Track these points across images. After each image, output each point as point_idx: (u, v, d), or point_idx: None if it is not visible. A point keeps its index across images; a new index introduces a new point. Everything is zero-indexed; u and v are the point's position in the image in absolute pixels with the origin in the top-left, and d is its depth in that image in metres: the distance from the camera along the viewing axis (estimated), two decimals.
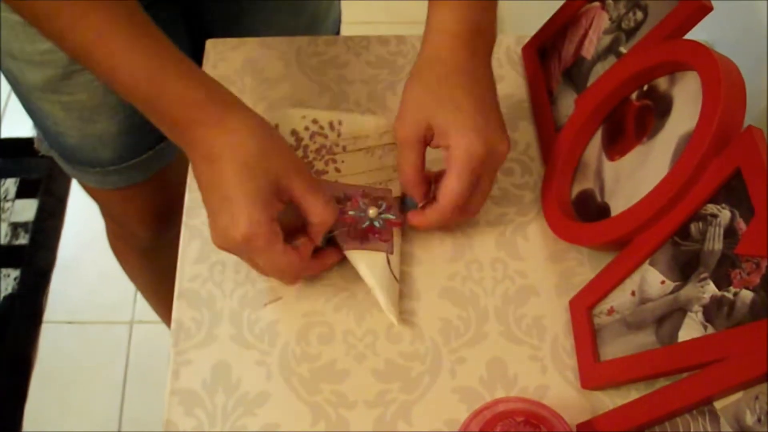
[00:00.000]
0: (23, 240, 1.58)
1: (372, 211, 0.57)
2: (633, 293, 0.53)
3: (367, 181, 0.60)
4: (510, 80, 0.72)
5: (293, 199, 0.51)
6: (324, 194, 0.52)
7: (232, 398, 0.54)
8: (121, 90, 0.50)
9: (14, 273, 1.53)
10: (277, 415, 0.53)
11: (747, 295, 0.44)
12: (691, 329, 0.47)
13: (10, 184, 1.66)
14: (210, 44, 0.73)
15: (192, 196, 0.63)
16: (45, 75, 0.70)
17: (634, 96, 0.59)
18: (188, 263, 0.60)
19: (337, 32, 0.92)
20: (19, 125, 1.72)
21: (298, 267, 0.53)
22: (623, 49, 0.61)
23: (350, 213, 0.57)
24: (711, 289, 0.47)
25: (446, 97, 0.54)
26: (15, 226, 1.60)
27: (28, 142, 1.71)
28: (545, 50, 0.71)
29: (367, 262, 0.56)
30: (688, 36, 0.56)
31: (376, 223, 0.57)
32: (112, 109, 0.73)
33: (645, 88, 0.58)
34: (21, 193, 1.64)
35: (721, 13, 0.60)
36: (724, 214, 0.47)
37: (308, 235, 0.53)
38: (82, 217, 1.61)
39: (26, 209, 1.62)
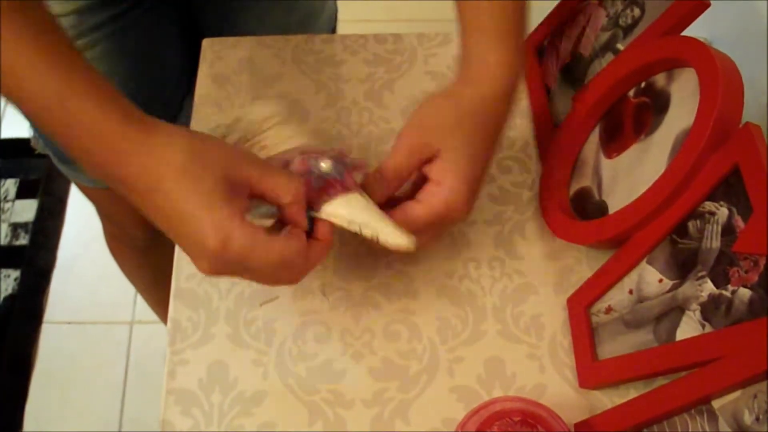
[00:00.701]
0: (23, 240, 1.58)
1: (324, 165, 0.52)
2: (631, 292, 0.53)
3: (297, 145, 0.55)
4: None
5: (253, 188, 0.47)
6: (281, 169, 0.49)
7: (229, 398, 0.54)
8: (38, 121, 0.44)
9: (14, 273, 1.53)
10: (274, 415, 0.53)
11: (745, 293, 0.44)
12: (689, 328, 0.47)
13: (10, 185, 1.66)
14: (206, 43, 0.73)
15: None
16: None
17: (631, 93, 0.59)
18: (184, 263, 0.60)
19: (333, 30, 0.91)
20: (18, 125, 1.72)
21: (296, 252, 0.47)
22: (620, 46, 0.60)
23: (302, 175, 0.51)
24: (709, 287, 0.46)
25: (467, 136, 0.51)
26: (15, 227, 1.60)
27: (27, 142, 1.70)
28: (543, 47, 0.71)
29: (346, 208, 0.51)
30: (686, 33, 0.56)
31: (335, 175, 0.51)
32: None
33: (642, 85, 0.58)
34: (21, 194, 1.64)
35: (719, 10, 0.60)
36: (722, 212, 0.47)
37: (291, 222, 0.49)
38: (82, 217, 1.61)
39: (26, 210, 1.62)
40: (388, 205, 0.52)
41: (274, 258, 0.46)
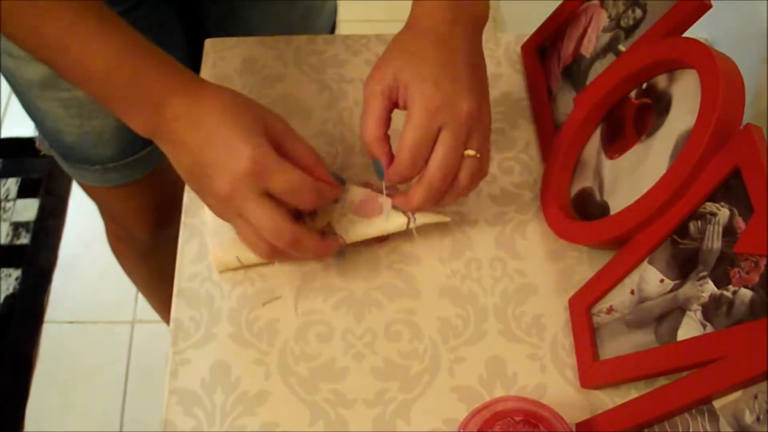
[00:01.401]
0: (24, 240, 1.58)
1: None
2: (632, 292, 0.53)
3: None
4: (509, 79, 0.72)
5: (279, 140, 0.51)
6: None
7: (231, 397, 0.54)
8: (97, 79, 0.50)
9: (15, 273, 1.53)
10: (276, 415, 0.53)
11: (746, 293, 0.44)
12: (690, 328, 0.47)
13: (12, 184, 1.66)
14: (209, 43, 0.73)
15: (191, 194, 0.63)
16: (43, 71, 0.70)
17: (633, 94, 0.59)
18: (187, 262, 0.60)
19: (333, 27, 0.92)
20: (20, 125, 1.72)
21: (312, 184, 0.50)
22: (622, 47, 0.60)
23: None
24: (710, 287, 0.47)
25: (415, 52, 0.53)
26: (16, 226, 1.60)
27: (29, 141, 1.72)
28: (545, 49, 0.71)
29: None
30: (687, 34, 0.56)
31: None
32: None
33: (644, 86, 0.58)
34: (22, 193, 1.65)
35: (720, 12, 0.60)
36: (723, 213, 0.47)
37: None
38: (84, 216, 1.61)
39: (27, 209, 1.62)
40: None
41: (297, 182, 0.49)
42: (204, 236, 0.61)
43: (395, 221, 0.57)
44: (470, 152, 0.53)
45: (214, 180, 0.49)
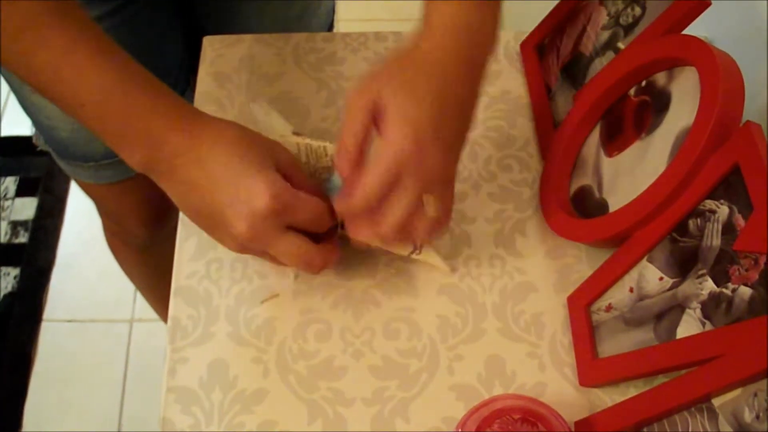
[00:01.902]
0: (23, 238, 1.58)
1: (337, 179, 0.54)
2: (631, 290, 0.53)
3: None
4: (508, 76, 0.72)
5: (287, 170, 0.49)
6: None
7: (229, 396, 0.54)
8: (91, 111, 0.47)
9: (14, 271, 1.53)
10: (274, 413, 0.53)
11: (745, 291, 0.44)
12: (689, 326, 0.47)
13: (10, 183, 1.66)
14: (207, 41, 0.73)
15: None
16: None
17: (632, 92, 0.59)
18: (185, 260, 0.60)
19: (330, 24, 0.92)
20: (18, 124, 1.72)
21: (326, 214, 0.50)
22: (621, 45, 0.60)
23: None
24: (709, 285, 0.46)
25: (406, 78, 0.48)
26: (15, 225, 1.60)
27: (27, 140, 1.71)
28: (544, 46, 0.71)
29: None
30: (686, 32, 0.56)
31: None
32: None
33: (643, 83, 0.58)
34: (21, 192, 1.64)
35: (720, 9, 0.60)
36: (723, 210, 0.47)
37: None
38: (82, 215, 1.61)
39: (26, 207, 1.62)
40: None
41: (314, 212, 0.49)
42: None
43: (399, 244, 0.55)
44: (430, 210, 0.50)
45: (233, 223, 0.47)
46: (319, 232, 0.51)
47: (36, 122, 0.79)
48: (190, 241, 0.61)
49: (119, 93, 0.47)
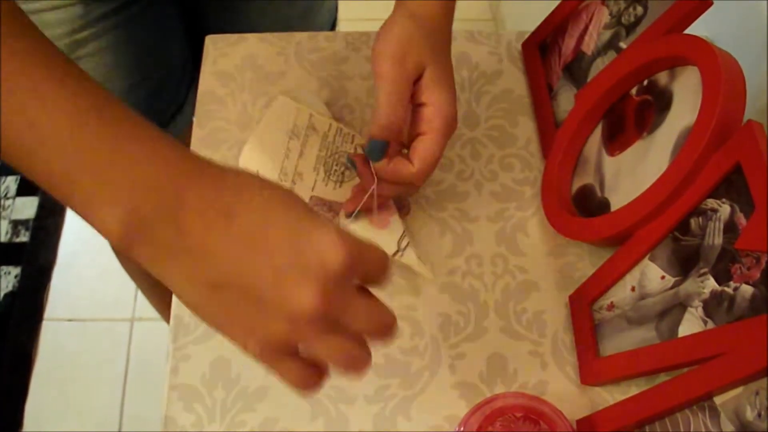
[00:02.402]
0: (24, 237, 1.58)
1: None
2: (633, 288, 0.53)
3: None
4: (510, 76, 0.72)
5: None
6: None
7: (232, 393, 0.54)
8: (51, 146, 0.32)
9: (15, 270, 1.53)
10: (277, 410, 0.53)
11: (747, 290, 0.44)
12: (691, 324, 0.47)
13: (11, 182, 1.66)
14: (209, 40, 0.73)
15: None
16: None
17: (634, 91, 0.59)
18: None
19: (333, 24, 0.92)
20: None
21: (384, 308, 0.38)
22: (623, 44, 0.60)
23: None
24: (711, 284, 0.47)
25: (439, 49, 0.51)
26: (15, 224, 1.60)
27: None
28: (545, 46, 0.71)
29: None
30: (688, 31, 0.56)
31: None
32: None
33: (645, 83, 0.58)
34: (21, 191, 1.64)
35: (721, 9, 0.60)
36: (724, 209, 0.47)
37: None
38: None
39: (27, 207, 1.62)
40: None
41: (382, 256, 0.37)
42: None
43: (385, 242, 0.57)
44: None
45: (293, 295, 0.33)
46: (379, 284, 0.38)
47: None
48: None
49: (94, 121, 0.32)
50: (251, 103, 0.68)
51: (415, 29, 0.51)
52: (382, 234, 0.57)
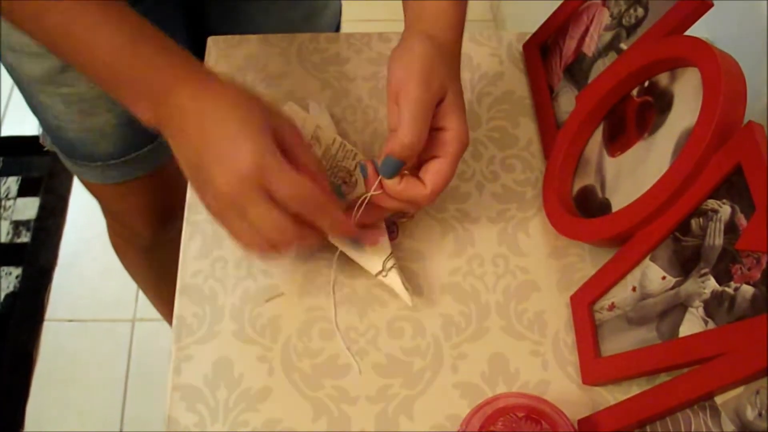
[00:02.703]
0: (25, 238, 1.58)
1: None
2: (634, 289, 0.53)
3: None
4: (511, 77, 0.72)
5: (286, 144, 0.49)
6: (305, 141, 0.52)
7: (234, 394, 0.54)
8: (102, 67, 0.49)
9: (16, 271, 1.53)
10: (279, 411, 0.53)
11: (748, 290, 0.44)
12: (692, 324, 0.48)
13: (12, 183, 1.66)
14: (212, 41, 0.73)
15: (194, 192, 0.63)
16: (44, 67, 0.70)
17: (634, 92, 0.59)
18: (190, 259, 0.60)
19: (337, 27, 0.92)
20: (20, 123, 1.72)
21: (317, 194, 0.48)
22: (624, 46, 0.61)
23: None
24: (712, 284, 0.47)
25: (455, 75, 0.53)
26: (17, 225, 1.60)
27: (29, 140, 1.72)
28: (546, 47, 0.71)
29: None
30: (689, 32, 0.56)
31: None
32: (112, 101, 0.73)
33: (646, 84, 0.58)
34: (23, 192, 1.65)
35: (722, 10, 0.60)
36: (725, 210, 0.47)
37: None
38: (84, 215, 1.61)
39: (28, 207, 1.62)
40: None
41: (297, 190, 0.47)
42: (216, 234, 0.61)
43: (371, 260, 0.57)
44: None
45: (216, 179, 0.47)
46: (302, 214, 0.49)
47: (43, 122, 0.80)
48: (195, 240, 0.61)
49: (130, 48, 0.48)
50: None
51: (435, 53, 0.51)
52: (369, 252, 0.57)
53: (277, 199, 0.47)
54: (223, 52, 0.72)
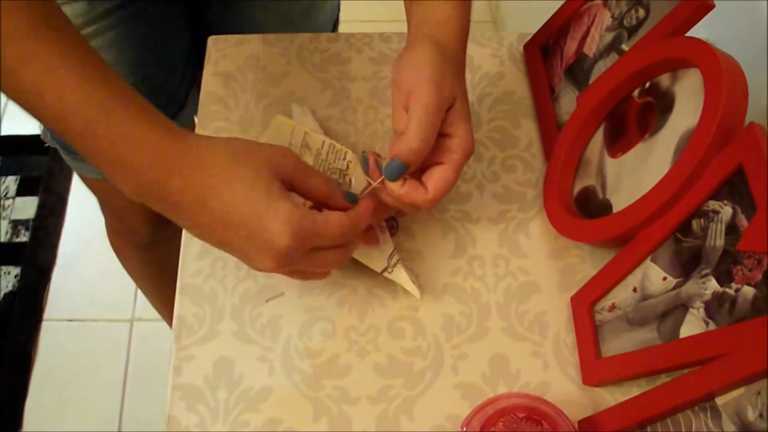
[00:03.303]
0: (24, 237, 1.58)
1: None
2: (635, 290, 0.53)
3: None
4: (512, 78, 0.72)
5: (291, 177, 0.48)
6: (313, 169, 0.50)
7: (234, 394, 0.54)
8: (77, 136, 0.43)
9: (15, 270, 1.53)
10: (280, 411, 0.53)
11: (748, 291, 0.44)
12: (692, 325, 0.48)
13: (11, 182, 1.66)
14: (212, 41, 0.73)
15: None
16: None
17: (636, 93, 0.59)
18: (190, 259, 0.60)
19: (335, 24, 0.92)
20: (20, 123, 1.72)
21: (347, 219, 0.48)
22: (625, 47, 0.61)
23: None
24: (713, 285, 0.47)
25: (462, 82, 0.53)
26: (15, 224, 1.60)
27: (28, 139, 1.71)
28: (547, 48, 0.71)
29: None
30: (690, 34, 0.56)
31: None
32: None
33: (647, 85, 0.58)
34: (21, 191, 1.64)
35: (723, 11, 0.60)
36: (726, 211, 0.47)
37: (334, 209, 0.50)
38: (83, 214, 1.61)
39: (27, 207, 1.62)
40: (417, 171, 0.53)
41: (336, 230, 0.47)
42: None
43: (375, 258, 0.57)
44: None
45: (256, 259, 0.45)
46: (347, 241, 0.50)
47: None
48: (195, 240, 0.61)
49: (103, 120, 0.42)
50: (253, 104, 0.69)
51: (444, 59, 0.51)
52: (373, 251, 0.57)
53: (323, 247, 0.48)
54: (223, 52, 0.72)
